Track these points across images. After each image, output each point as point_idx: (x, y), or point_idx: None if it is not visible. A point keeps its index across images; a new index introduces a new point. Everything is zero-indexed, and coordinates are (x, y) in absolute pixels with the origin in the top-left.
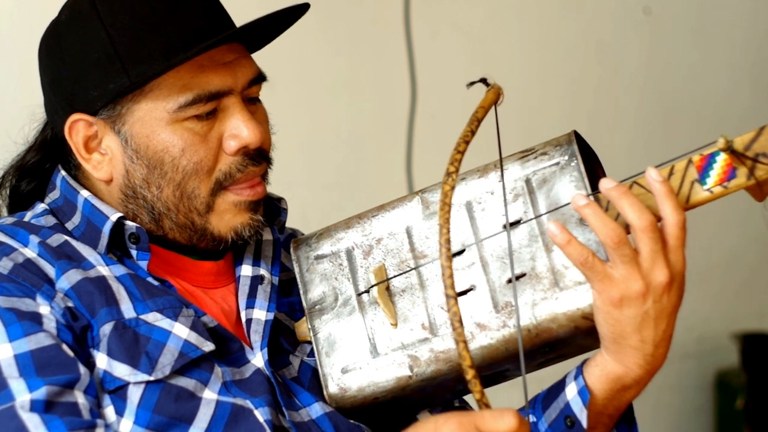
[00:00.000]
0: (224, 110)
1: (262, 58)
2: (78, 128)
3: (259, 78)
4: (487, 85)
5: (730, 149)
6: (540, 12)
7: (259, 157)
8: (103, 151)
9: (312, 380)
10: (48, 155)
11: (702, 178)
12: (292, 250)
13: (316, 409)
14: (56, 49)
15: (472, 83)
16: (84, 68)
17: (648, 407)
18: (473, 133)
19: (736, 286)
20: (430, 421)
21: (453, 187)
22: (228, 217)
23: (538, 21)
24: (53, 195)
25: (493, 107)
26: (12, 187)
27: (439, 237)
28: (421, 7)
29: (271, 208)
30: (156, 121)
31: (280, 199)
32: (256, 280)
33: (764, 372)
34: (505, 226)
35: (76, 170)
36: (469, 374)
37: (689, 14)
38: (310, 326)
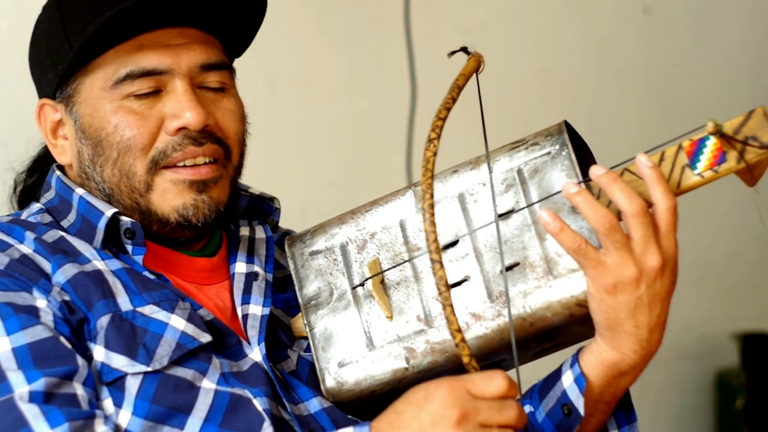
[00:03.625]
0: (169, 92)
1: (262, 58)
2: (45, 113)
3: (216, 65)
4: (468, 53)
5: (719, 133)
6: (540, 12)
7: (203, 138)
8: (66, 136)
9: (310, 375)
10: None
11: (692, 162)
12: (286, 246)
13: (314, 404)
14: (31, 42)
15: (453, 53)
16: (45, 53)
17: (648, 407)
18: (454, 100)
19: (736, 286)
20: (421, 388)
21: (435, 153)
22: (169, 196)
23: (538, 21)
24: (48, 195)
25: (474, 75)
26: (22, 184)
27: (423, 203)
28: (421, 6)
29: (264, 208)
30: (96, 99)
31: (272, 199)
32: (251, 277)
33: (764, 372)
34: (496, 216)
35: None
36: (457, 338)
37: (689, 14)
38: (306, 321)
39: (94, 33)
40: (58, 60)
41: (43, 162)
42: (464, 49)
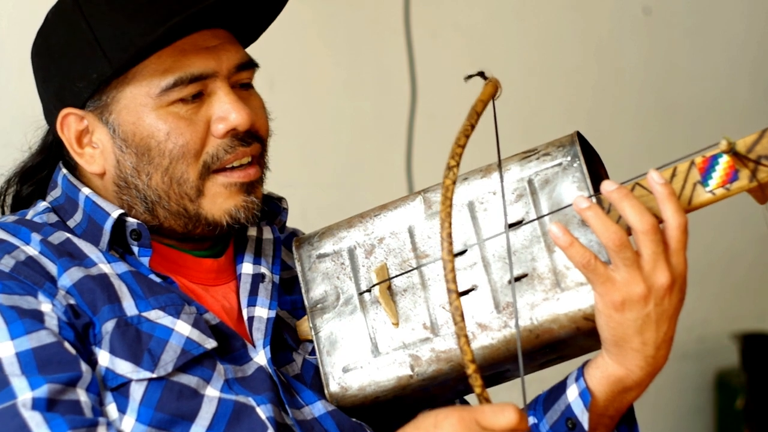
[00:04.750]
0: (211, 94)
1: (262, 58)
2: (69, 123)
3: (249, 64)
4: (485, 78)
5: (732, 151)
6: (540, 12)
7: (249, 138)
8: (95, 145)
9: (314, 378)
10: (48, 159)
11: (704, 180)
12: (294, 248)
13: (318, 408)
14: (44, 48)
15: (470, 77)
16: (69, 61)
17: (648, 407)
18: (473, 127)
19: (736, 286)
20: (430, 416)
21: (454, 182)
22: (220, 200)
23: (537, 21)
24: (55, 193)
25: (491, 101)
26: (14, 193)
27: (441, 231)
28: (421, 7)
29: (272, 208)
30: (140, 107)
31: (280, 199)
32: (258, 278)
33: (764, 372)
34: (506, 227)
35: (75, 171)
36: (470, 368)
37: (689, 14)
38: (311, 325)
39: (153, 43)
40: (91, 69)
41: (34, 171)
42: (481, 74)
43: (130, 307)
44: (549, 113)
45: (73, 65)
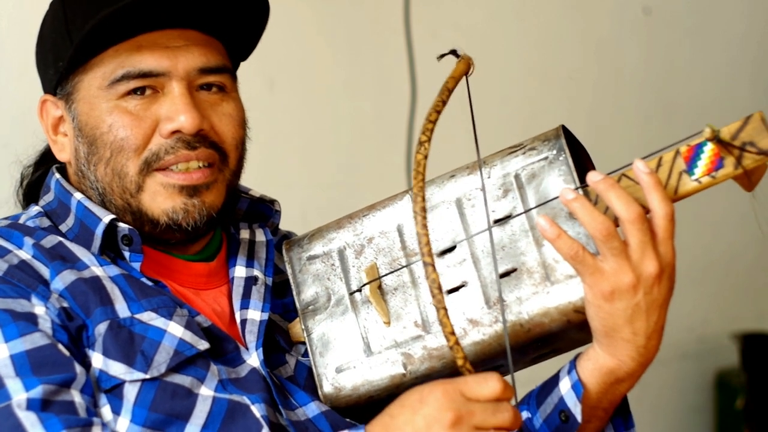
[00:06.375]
0: (166, 94)
1: (262, 58)
2: (47, 109)
3: (214, 69)
4: (458, 56)
5: (716, 139)
6: (540, 12)
7: (198, 143)
8: (66, 133)
9: (308, 380)
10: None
11: (690, 168)
12: (284, 251)
13: (312, 409)
14: (39, 37)
15: (443, 55)
16: (48, 49)
17: (648, 407)
18: (444, 102)
19: (735, 286)
20: (415, 392)
21: (426, 156)
22: (160, 199)
23: (537, 21)
24: (47, 197)
25: (464, 78)
26: (30, 179)
27: (414, 206)
28: (421, 7)
29: (264, 210)
30: (93, 98)
31: (273, 201)
32: (250, 281)
33: (764, 372)
34: (491, 222)
35: (67, 175)
36: (451, 341)
37: (689, 14)
38: (303, 327)
39: (92, 31)
40: (59, 57)
41: (50, 156)
42: (453, 52)
43: (122, 309)
44: (549, 113)
45: (50, 52)
